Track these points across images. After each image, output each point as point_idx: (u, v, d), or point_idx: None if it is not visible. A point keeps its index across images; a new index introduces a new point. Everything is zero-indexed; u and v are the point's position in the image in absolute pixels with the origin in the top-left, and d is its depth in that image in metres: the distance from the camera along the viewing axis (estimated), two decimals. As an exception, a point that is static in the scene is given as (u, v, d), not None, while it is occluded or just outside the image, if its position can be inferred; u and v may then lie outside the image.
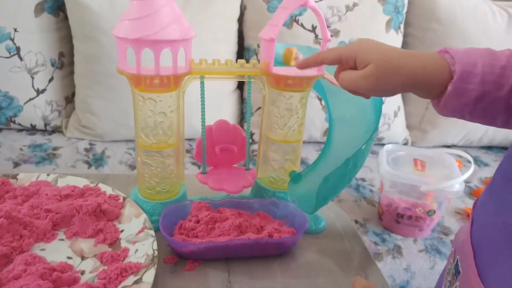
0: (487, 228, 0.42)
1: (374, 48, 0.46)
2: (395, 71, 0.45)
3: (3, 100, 1.33)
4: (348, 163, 0.52)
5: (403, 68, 0.45)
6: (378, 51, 0.46)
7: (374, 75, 0.45)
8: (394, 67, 0.45)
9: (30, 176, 0.65)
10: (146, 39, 0.49)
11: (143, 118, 0.56)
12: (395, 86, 0.46)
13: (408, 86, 0.46)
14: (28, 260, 0.48)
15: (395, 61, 0.45)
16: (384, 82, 0.45)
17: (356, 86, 0.46)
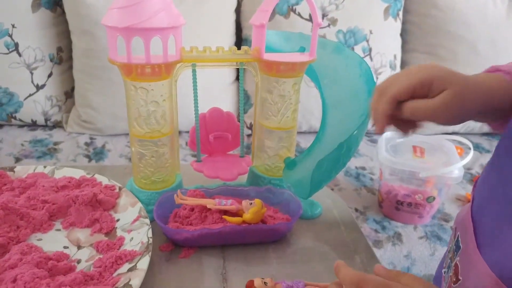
0: (487, 202, 0.42)
1: (448, 72, 0.41)
2: (475, 91, 0.40)
3: (3, 96, 1.34)
4: (341, 147, 0.52)
5: (480, 86, 0.40)
6: (453, 74, 0.40)
7: (455, 99, 0.39)
8: (474, 88, 0.40)
9: (27, 168, 0.65)
10: (135, 27, 0.49)
11: (135, 108, 0.56)
12: (475, 108, 0.41)
13: (485, 106, 0.41)
14: (24, 249, 0.49)
15: (471, 81, 0.40)
16: (467, 105, 0.40)
17: (435, 116, 0.40)
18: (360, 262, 0.54)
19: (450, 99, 0.39)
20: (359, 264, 0.53)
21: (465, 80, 0.40)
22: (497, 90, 0.41)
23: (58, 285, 0.43)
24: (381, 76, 1.43)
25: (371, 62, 1.41)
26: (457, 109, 0.40)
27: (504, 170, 0.40)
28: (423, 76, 0.40)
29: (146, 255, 0.48)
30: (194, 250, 0.54)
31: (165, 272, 0.50)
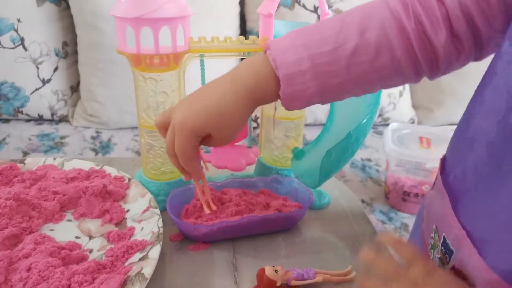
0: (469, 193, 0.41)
1: (203, 112, 0.43)
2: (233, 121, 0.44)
3: (10, 91, 1.34)
4: (350, 136, 0.52)
5: (237, 112, 0.43)
6: (208, 115, 0.43)
7: (217, 139, 0.44)
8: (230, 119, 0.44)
9: (37, 160, 0.65)
10: (144, 18, 0.49)
11: (144, 98, 0.56)
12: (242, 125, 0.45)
13: (251, 112, 0.45)
14: (38, 239, 0.49)
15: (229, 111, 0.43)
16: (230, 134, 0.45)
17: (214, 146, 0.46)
18: (369, 251, 0.54)
19: (216, 140, 0.45)
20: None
21: (221, 114, 0.43)
22: (264, 89, 0.43)
23: (72, 273, 0.43)
24: (386, 67, 1.43)
25: (377, 54, 1.41)
26: (226, 139, 0.45)
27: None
28: (193, 136, 0.44)
29: (157, 245, 0.48)
30: (206, 247, 0.53)
31: (176, 261, 0.51)
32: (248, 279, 0.48)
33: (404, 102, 1.48)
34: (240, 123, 0.44)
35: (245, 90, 0.43)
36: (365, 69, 0.42)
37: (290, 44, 0.42)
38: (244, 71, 0.44)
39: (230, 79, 0.44)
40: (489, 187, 0.37)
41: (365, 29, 0.41)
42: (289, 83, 0.42)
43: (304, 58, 0.41)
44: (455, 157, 0.45)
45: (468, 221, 0.39)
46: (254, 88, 0.43)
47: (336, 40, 0.41)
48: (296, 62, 0.41)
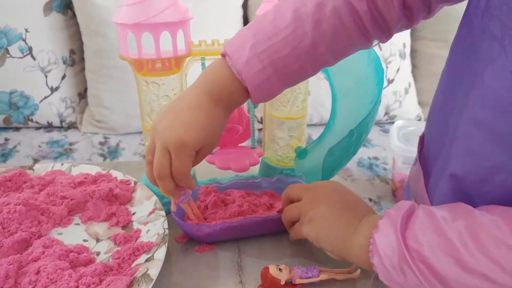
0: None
1: (189, 130, 0.44)
2: (218, 134, 0.46)
3: (19, 99, 1.37)
4: (352, 134, 0.52)
5: (219, 123, 0.45)
6: (195, 132, 0.44)
7: (206, 152, 0.46)
8: (215, 132, 0.45)
9: (45, 166, 0.67)
10: (145, 23, 0.50)
11: (148, 103, 0.57)
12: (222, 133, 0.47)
13: (227, 119, 0.46)
14: (46, 243, 0.50)
15: (213, 125, 0.45)
16: (215, 145, 0.46)
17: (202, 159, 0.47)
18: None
19: (205, 153, 0.46)
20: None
21: (206, 131, 0.44)
22: (236, 99, 0.45)
23: (80, 276, 0.44)
24: (390, 65, 1.42)
25: (380, 52, 1.40)
26: (211, 149, 0.46)
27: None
28: (188, 158, 0.44)
29: (163, 246, 0.49)
30: (210, 248, 0.53)
31: (181, 262, 0.51)
32: (253, 279, 0.48)
33: (410, 100, 1.47)
34: (221, 133, 0.46)
35: (224, 106, 0.45)
36: (325, 58, 0.44)
37: (250, 54, 0.42)
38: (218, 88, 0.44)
39: (208, 99, 0.44)
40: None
41: (319, 20, 0.42)
42: (258, 91, 0.44)
43: (266, 66, 0.42)
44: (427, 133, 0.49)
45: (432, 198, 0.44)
46: (229, 101, 0.45)
47: (293, 40, 0.42)
48: (260, 71, 0.42)
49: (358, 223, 0.43)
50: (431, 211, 0.37)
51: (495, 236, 0.32)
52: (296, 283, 0.46)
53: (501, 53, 0.33)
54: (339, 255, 0.45)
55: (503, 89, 0.33)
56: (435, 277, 0.34)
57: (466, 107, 0.37)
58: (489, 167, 0.36)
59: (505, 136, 0.34)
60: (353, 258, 0.42)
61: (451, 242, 0.34)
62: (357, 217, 0.44)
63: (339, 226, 0.44)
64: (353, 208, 0.46)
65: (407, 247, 0.36)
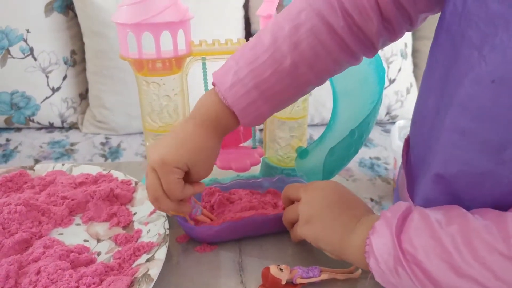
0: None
1: (180, 151, 0.46)
2: (208, 156, 0.47)
3: (21, 100, 1.37)
4: (353, 134, 0.52)
5: (210, 146, 0.47)
6: (185, 153, 0.45)
7: (197, 173, 0.47)
8: (206, 154, 0.47)
9: (46, 166, 0.67)
10: (145, 23, 0.50)
11: (148, 102, 0.57)
12: (216, 156, 0.48)
13: (220, 142, 0.48)
14: (47, 243, 0.50)
15: (204, 148, 0.46)
16: (208, 168, 0.48)
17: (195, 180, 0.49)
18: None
19: (196, 174, 0.47)
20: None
21: (197, 151, 0.46)
22: (226, 124, 0.47)
23: (80, 276, 0.44)
24: (392, 65, 1.42)
25: (382, 52, 1.40)
26: (205, 173, 0.48)
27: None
28: (178, 177, 0.45)
29: (163, 246, 0.49)
30: (211, 248, 0.53)
31: (182, 262, 0.51)
32: (254, 279, 0.48)
33: (411, 99, 1.47)
34: (213, 155, 0.48)
35: (212, 129, 0.47)
36: (308, 77, 0.45)
37: (234, 80, 0.44)
38: (204, 113, 0.47)
39: (193, 122, 0.47)
40: None
41: (297, 42, 0.43)
42: (245, 115, 0.45)
43: (250, 89, 0.44)
44: (412, 136, 0.49)
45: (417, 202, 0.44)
46: (217, 125, 0.47)
47: (273, 62, 0.43)
48: (244, 96, 0.44)
49: (356, 222, 0.43)
50: (426, 214, 0.37)
51: (487, 242, 0.32)
52: (297, 283, 0.46)
53: (481, 62, 0.32)
54: (337, 255, 0.45)
55: (485, 98, 0.33)
56: (429, 281, 0.34)
57: (449, 114, 0.36)
58: (477, 174, 0.36)
59: (489, 144, 0.34)
60: (350, 258, 0.43)
61: (444, 246, 0.34)
62: (356, 216, 0.44)
63: (337, 226, 0.44)
64: (352, 207, 0.46)
65: (402, 250, 0.36)
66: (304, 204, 0.48)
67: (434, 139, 0.39)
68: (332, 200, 0.46)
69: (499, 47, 0.31)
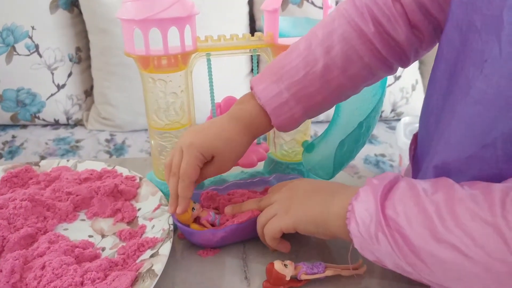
0: None
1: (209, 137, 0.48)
2: (236, 148, 0.49)
3: (26, 97, 1.38)
4: (361, 126, 0.53)
5: (239, 140, 0.49)
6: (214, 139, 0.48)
7: (221, 162, 0.49)
8: (234, 146, 0.49)
9: (51, 162, 0.67)
10: (152, 19, 0.49)
11: (154, 100, 0.56)
12: (242, 153, 0.50)
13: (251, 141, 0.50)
14: (52, 239, 0.50)
15: (232, 139, 0.48)
16: (232, 161, 0.50)
17: (216, 174, 0.51)
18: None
19: (219, 163, 0.49)
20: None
21: (225, 140, 0.48)
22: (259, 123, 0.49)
23: (85, 271, 0.44)
24: (398, 62, 1.41)
25: (388, 48, 1.39)
26: (229, 165, 0.50)
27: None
28: (199, 158, 0.47)
29: (168, 241, 0.49)
30: (214, 253, 0.52)
31: (186, 257, 0.51)
32: (258, 274, 0.48)
33: (417, 96, 1.46)
34: (240, 151, 0.50)
35: (243, 126, 0.49)
36: (340, 81, 0.46)
37: (268, 82, 0.47)
38: (239, 111, 0.50)
39: (228, 117, 0.50)
40: None
41: (329, 47, 0.45)
42: (277, 115, 0.48)
43: (282, 90, 0.46)
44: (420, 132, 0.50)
45: None
46: (250, 123, 0.49)
47: (305, 65, 0.46)
48: (277, 96, 0.47)
49: (334, 195, 0.43)
50: (413, 183, 0.37)
51: (471, 209, 0.32)
52: (302, 279, 0.45)
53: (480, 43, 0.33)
54: (323, 232, 0.44)
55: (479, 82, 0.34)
56: (408, 247, 0.34)
57: (460, 106, 0.37)
58: (464, 158, 0.37)
59: (473, 127, 0.35)
60: (333, 228, 0.42)
61: (427, 213, 0.34)
62: (332, 190, 0.44)
63: (315, 203, 0.44)
64: (327, 185, 0.47)
65: (385, 216, 0.36)
66: (280, 200, 0.48)
67: (440, 132, 0.40)
68: (305, 187, 0.48)
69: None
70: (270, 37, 0.56)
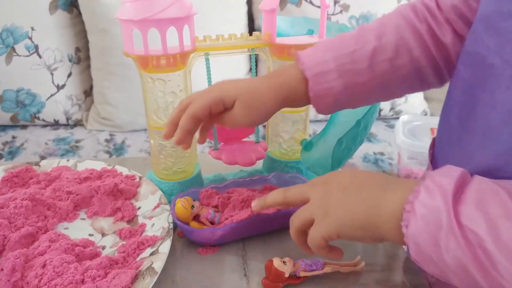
0: None
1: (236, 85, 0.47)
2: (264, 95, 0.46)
3: (26, 97, 1.38)
4: (359, 124, 0.53)
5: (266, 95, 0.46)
6: (240, 87, 0.46)
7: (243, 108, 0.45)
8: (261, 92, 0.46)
9: (51, 162, 0.67)
10: (151, 19, 0.50)
11: (154, 100, 0.57)
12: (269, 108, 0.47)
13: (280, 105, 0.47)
14: (53, 237, 0.51)
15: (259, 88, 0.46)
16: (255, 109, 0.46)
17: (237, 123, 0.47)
18: (383, 249, 0.54)
19: (238, 110, 0.45)
20: (381, 250, 0.53)
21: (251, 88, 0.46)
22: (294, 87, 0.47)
23: (85, 269, 0.44)
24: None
25: (386, 47, 1.40)
26: (248, 115, 0.46)
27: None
28: (214, 96, 0.46)
29: (167, 240, 0.49)
30: (213, 251, 0.52)
31: (186, 255, 0.51)
32: (257, 271, 0.49)
33: (416, 95, 1.46)
34: (265, 106, 0.46)
35: (277, 85, 0.47)
36: (386, 68, 0.46)
37: (315, 50, 0.47)
38: (274, 72, 0.48)
39: (262, 77, 0.48)
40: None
41: (382, 34, 0.46)
42: (317, 82, 0.46)
43: (328, 59, 0.46)
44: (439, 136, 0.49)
45: None
46: (284, 84, 0.47)
47: (356, 43, 0.46)
48: (321, 63, 0.46)
49: (383, 191, 0.37)
50: (492, 183, 0.31)
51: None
52: (300, 275, 0.46)
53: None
54: (371, 236, 0.38)
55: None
56: (493, 268, 0.29)
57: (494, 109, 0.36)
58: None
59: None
60: (383, 231, 0.36)
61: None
62: (381, 184, 0.38)
63: (360, 201, 0.38)
64: (371, 178, 0.40)
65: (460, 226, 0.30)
66: (316, 199, 0.41)
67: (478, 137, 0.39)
68: (344, 184, 0.40)
69: None
70: (268, 37, 0.56)
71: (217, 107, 0.46)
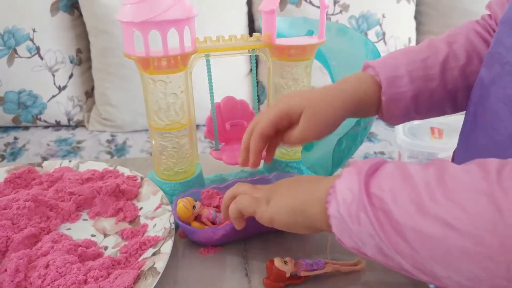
0: None
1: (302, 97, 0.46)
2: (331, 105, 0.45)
3: (28, 99, 1.39)
4: (359, 123, 0.53)
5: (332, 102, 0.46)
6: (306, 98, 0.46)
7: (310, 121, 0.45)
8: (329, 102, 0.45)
9: (53, 163, 0.68)
10: (152, 21, 0.50)
11: (155, 101, 0.57)
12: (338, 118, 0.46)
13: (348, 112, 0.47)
14: (55, 238, 0.51)
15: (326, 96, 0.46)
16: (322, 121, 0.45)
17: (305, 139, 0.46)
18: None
19: (303, 122, 0.45)
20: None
21: (316, 98, 0.45)
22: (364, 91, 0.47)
23: (88, 269, 0.45)
24: (397, 60, 1.42)
25: (386, 46, 1.40)
26: (314, 125, 0.45)
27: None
28: (279, 110, 0.45)
29: (169, 240, 0.49)
30: (215, 251, 0.52)
31: (187, 255, 0.52)
32: (258, 271, 0.49)
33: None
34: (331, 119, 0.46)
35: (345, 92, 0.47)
36: (457, 75, 0.47)
37: (385, 58, 0.48)
38: (344, 79, 0.48)
39: (332, 84, 0.48)
40: None
41: (452, 41, 0.48)
42: (390, 85, 0.46)
43: (401, 64, 0.47)
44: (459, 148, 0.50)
45: None
46: (354, 91, 0.47)
47: (428, 51, 0.48)
48: (394, 67, 0.47)
49: (319, 182, 0.40)
50: (403, 164, 0.35)
51: (464, 181, 0.30)
52: (301, 275, 0.46)
53: None
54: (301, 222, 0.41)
55: None
56: (391, 226, 0.32)
57: None
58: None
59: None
60: (313, 216, 0.39)
61: (415, 188, 0.31)
62: (319, 179, 0.42)
63: (299, 193, 0.41)
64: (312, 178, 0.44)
65: (368, 194, 0.33)
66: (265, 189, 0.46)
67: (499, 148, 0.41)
68: (291, 180, 0.45)
69: None
70: (268, 38, 0.56)
71: (282, 121, 0.46)
